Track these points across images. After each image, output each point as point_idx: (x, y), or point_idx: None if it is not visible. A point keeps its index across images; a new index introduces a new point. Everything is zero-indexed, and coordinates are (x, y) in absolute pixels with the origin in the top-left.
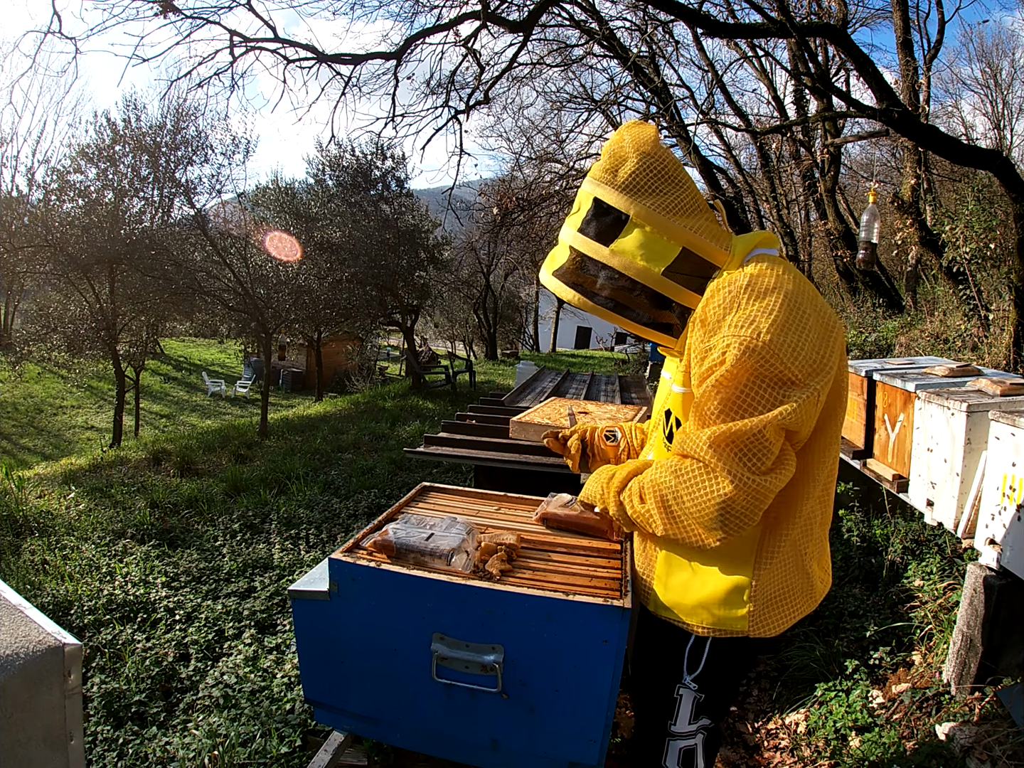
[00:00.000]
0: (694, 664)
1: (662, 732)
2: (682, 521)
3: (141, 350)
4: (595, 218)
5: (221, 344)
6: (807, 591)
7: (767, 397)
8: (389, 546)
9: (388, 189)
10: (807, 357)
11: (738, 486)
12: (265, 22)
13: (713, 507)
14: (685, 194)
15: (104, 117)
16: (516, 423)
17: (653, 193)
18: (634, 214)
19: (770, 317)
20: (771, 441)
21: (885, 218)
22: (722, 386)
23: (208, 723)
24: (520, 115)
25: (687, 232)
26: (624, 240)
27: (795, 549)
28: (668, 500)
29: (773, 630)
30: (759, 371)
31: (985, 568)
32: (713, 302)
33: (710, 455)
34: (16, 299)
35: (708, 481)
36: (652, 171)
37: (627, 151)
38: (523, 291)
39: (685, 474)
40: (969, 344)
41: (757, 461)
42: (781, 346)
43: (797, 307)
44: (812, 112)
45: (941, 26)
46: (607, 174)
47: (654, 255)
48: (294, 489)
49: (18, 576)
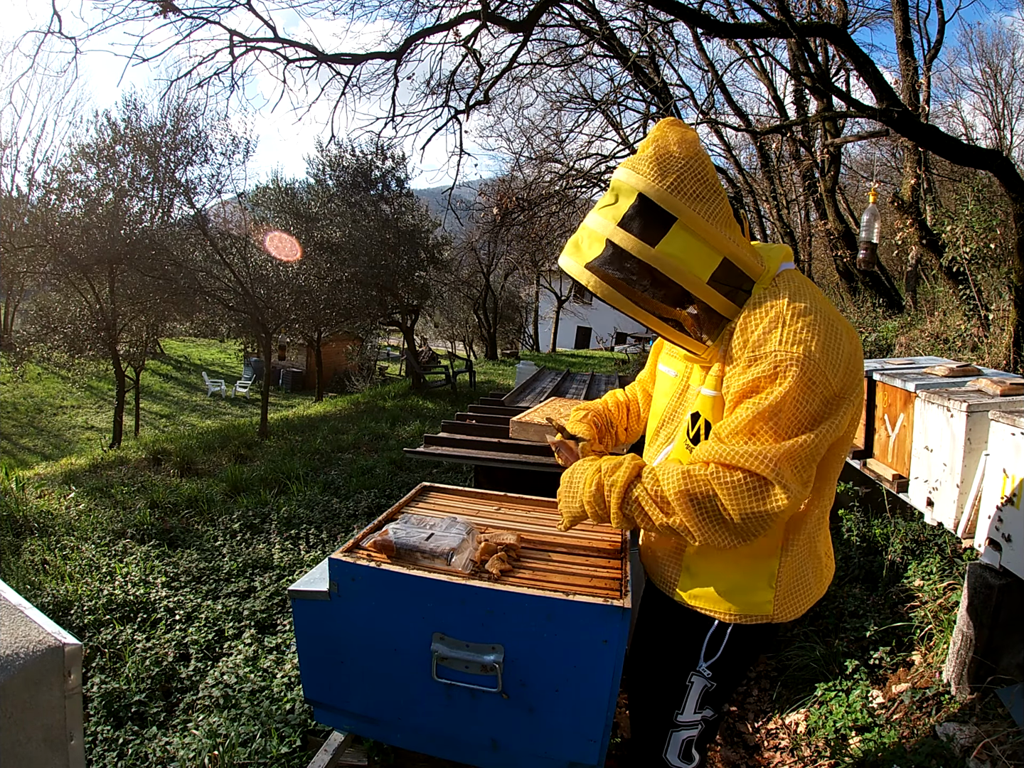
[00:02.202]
0: (712, 650)
1: (666, 723)
2: (722, 530)
3: (141, 350)
4: (639, 215)
5: (221, 344)
6: (819, 576)
7: (819, 412)
8: (389, 546)
9: (388, 189)
10: (845, 370)
11: (791, 499)
12: (265, 22)
13: (761, 518)
14: (724, 204)
15: (104, 117)
16: (516, 423)
17: (699, 199)
18: (684, 218)
19: (815, 335)
20: (820, 455)
21: (885, 218)
22: (778, 403)
23: (208, 723)
24: (520, 115)
25: (729, 243)
26: (671, 243)
27: (809, 538)
28: (707, 511)
29: (793, 613)
30: (812, 387)
31: (985, 568)
32: (756, 316)
33: (771, 471)
34: (16, 299)
35: (760, 494)
36: (699, 177)
37: (674, 152)
38: (523, 291)
39: (733, 487)
40: (969, 344)
41: (807, 474)
42: (827, 363)
43: (831, 324)
44: (812, 112)
45: (941, 26)
46: (655, 172)
47: (700, 262)
48: (294, 489)
49: (18, 576)
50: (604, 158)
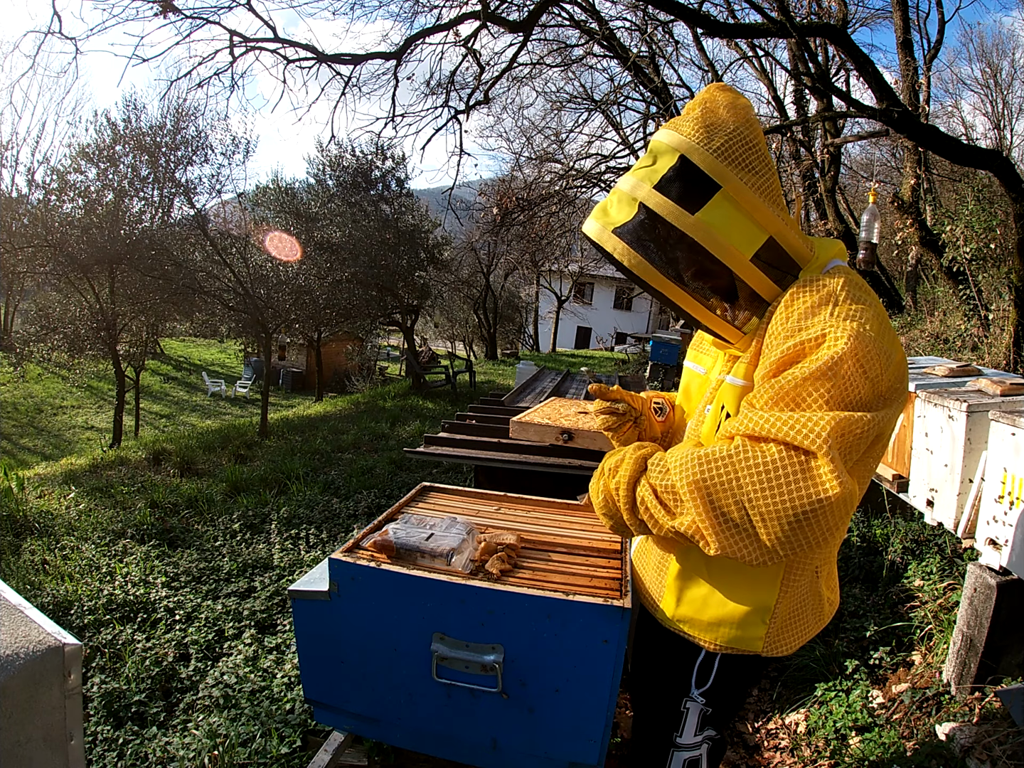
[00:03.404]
0: (703, 679)
1: (667, 743)
2: (744, 535)
3: (141, 350)
4: (679, 178)
5: (221, 344)
6: (817, 613)
7: (869, 399)
8: (389, 546)
9: (388, 189)
10: (896, 372)
11: (843, 487)
12: (265, 22)
13: (802, 517)
14: (775, 180)
15: (104, 117)
16: (516, 423)
17: (748, 170)
18: (729, 186)
19: (870, 321)
20: (868, 443)
21: (885, 218)
22: (832, 366)
23: (208, 723)
24: (520, 115)
25: (778, 221)
26: (712, 212)
27: (814, 573)
28: (726, 506)
29: (785, 650)
30: (865, 366)
31: (985, 568)
32: (805, 292)
33: (818, 443)
34: (16, 299)
35: (801, 477)
36: (750, 145)
37: (724, 115)
38: (523, 291)
39: (763, 467)
40: (969, 344)
41: (852, 462)
42: (881, 351)
43: (885, 321)
44: (812, 112)
45: (941, 26)
46: (700, 133)
47: (743, 237)
48: (294, 489)
49: (18, 576)
50: (604, 158)
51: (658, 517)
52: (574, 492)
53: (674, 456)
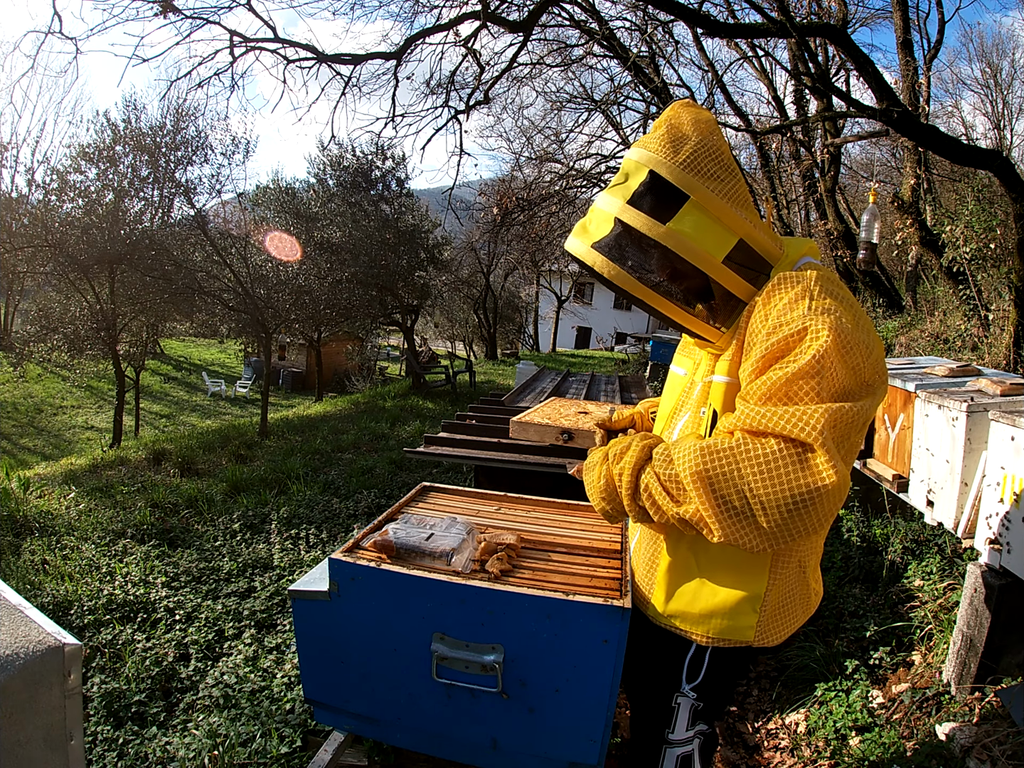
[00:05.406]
0: (694, 674)
1: (659, 740)
2: (748, 522)
3: (141, 350)
4: (650, 192)
5: (221, 344)
6: (804, 602)
7: (853, 388)
8: (389, 546)
9: (388, 189)
10: (876, 361)
11: (839, 474)
12: (265, 22)
13: (801, 504)
14: (741, 186)
15: (104, 117)
16: (516, 423)
17: (713, 178)
18: (697, 195)
19: (845, 312)
20: (858, 430)
21: (885, 218)
22: (818, 360)
23: (208, 723)
24: (520, 115)
25: (746, 224)
26: (683, 220)
27: (799, 561)
28: (730, 495)
29: (774, 640)
30: (847, 356)
31: (985, 568)
32: (780, 289)
33: (816, 436)
34: (16, 299)
35: (800, 467)
36: (713, 156)
37: (687, 130)
38: (523, 291)
39: (765, 459)
40: (969, 344)
41: (844, 451)
42: (859, 341)
43: (859, 312)
44: (812, 112)
45: (941, 26)
46: (666, 148)
47: (714, 242)
48: (294, 489)
49: (18, 576)
50: (604, 158)
51: (662, 504)
52: (574, 492)
53: (678, 448)
